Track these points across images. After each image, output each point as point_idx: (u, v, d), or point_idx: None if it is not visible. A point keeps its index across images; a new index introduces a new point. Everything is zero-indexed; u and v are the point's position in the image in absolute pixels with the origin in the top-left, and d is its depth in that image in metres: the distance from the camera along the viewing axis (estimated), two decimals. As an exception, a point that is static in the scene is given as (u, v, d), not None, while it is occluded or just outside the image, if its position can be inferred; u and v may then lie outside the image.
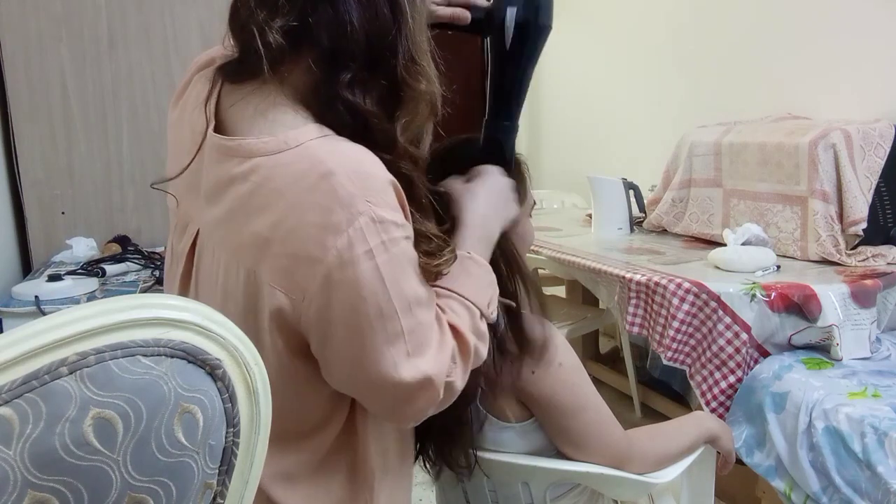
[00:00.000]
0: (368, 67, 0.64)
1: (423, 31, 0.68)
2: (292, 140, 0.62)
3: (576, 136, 3.39)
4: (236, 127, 0.68)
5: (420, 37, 0.66)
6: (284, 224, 0.62)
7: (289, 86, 0.67)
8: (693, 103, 2.65)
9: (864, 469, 1.20)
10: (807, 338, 1.54)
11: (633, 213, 2.31)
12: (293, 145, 0.62)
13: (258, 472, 0.62)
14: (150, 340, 0.52)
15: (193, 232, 0.74)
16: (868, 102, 1.97)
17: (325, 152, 0.62)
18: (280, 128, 0.64)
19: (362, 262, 0.61)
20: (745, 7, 2.40)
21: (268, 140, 0.64)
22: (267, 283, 0.64)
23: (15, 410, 0.46)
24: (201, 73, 0.77)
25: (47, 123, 2.27)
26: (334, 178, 0.60)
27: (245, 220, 0.65)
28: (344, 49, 0.63)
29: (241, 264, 0.66)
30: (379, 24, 0.64)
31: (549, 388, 0.92)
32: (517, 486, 1.01)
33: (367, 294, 0.62)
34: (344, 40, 0.63)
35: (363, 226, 0.60)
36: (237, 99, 0.69)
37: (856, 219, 1.69)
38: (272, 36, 0.63)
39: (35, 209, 2.29)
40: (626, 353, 2.39)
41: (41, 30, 2.21)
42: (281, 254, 0.63)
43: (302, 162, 0.61)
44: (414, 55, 0.65)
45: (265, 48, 0.64)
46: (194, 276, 0.75)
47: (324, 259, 0.61)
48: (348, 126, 0.65)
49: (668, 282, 1.60)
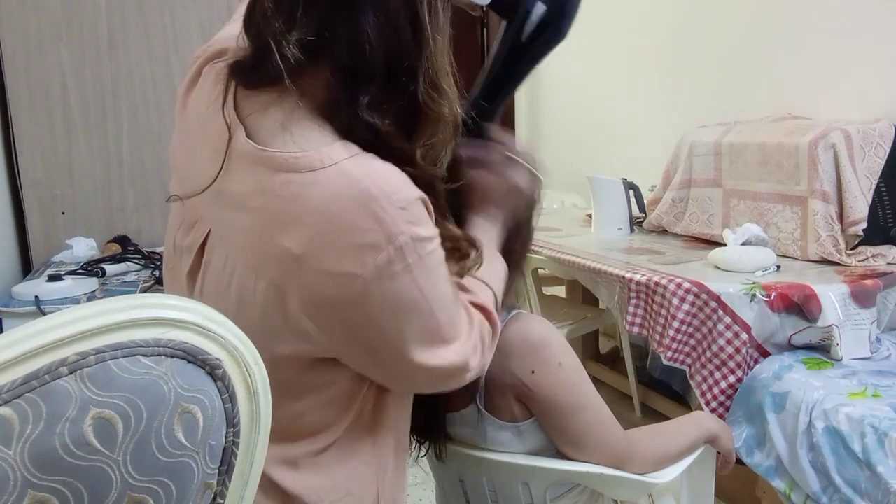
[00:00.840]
0: (387, 88, 0.64)
1: (445, 52, 0.66)
2: (326, 159, 0.63)
3: (576, 136, 3.38)
4: (258, 137, 0.68)
5: (442, 59, 0.65)
6: (319, 242, 0.62)
7: (309, 98, 0.66)
8: (693, 103, 2.65)
9: (864, 469, 1.20)
10: (807, 338, 1.54)
11: (633, 213, 2.31)
12: (328, 164, 0.62)
13: (258, 472, 0.62)
14: (150, 340, 0.52)
15: (205, 231, 0.74)
16: (868, 102, 1.97)
17: (360, 173, 0.62)
18: (307, 143, 0.64)
19: (401, 276, 0.64)
20: (745, 7, 2.40)
21: (300, 156, 0.64)
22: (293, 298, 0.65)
23: (15, 410, 0.46)
24: (212, 64, 0.75)
25: (47, 123, 2.27)
26: (371, 199, 0.61)
27: (273, 234, 0.65)
28: (362, 68, 0.63)
29: (261, 276, 0.67)
30: (399, 44, 0.63)
31: (548, 388, 0.92)
32: (517, 486, 1.01)
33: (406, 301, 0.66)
34: (362, 59, 0.62)
35: (403, 244, 0.62)
36: (256, 108, 0.69)
37: (856, 219, 1.69)
38: (289, 50, 0.63)
39: (35, 209, 2.29)
40: (626, 353, 2.39)
41: (41, 30, 2.21)
42: (313, 270, 0.63)
43: (338, 182, 0.62)
44: (435, 79, 0.64)
45: (282, 61, 0.63)
46: (201, 275, 0.75)
47: (362, 274, 0.63)
48: (369, 144, 0.65)
49: (668, 282, 1.60)
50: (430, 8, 0.63)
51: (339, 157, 0.63)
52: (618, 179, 2.30)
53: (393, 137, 0.65)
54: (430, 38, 0.63)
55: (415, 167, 0.66)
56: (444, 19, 0.66)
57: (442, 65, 0.66)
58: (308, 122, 0.66)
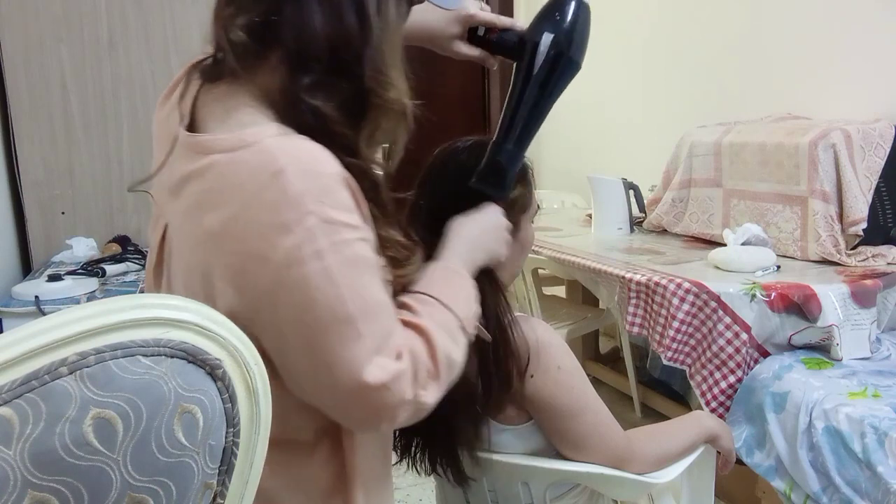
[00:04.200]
0: (333, 72, 0.64)
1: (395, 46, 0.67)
2: (249, 137, 0.62)
3: (576, 136, 3.38)
4: (206, 126, 0.68)
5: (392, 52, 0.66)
6: (236, 221, 0.61)
7: (258, 86, 0.67)
8: (693, 103, 2.65)
9: (864, 469, 1.20)
10: (807, 338, 1.54)
11: (633, 213, 2.31)
12: (250, 142, 0.61)
13: (258, 472, 0.62)
14: (150, 340, 0.52)
15: (163, 225, 0.74)
16: (868, 102, 1.97)
17: (279, 149, 0.60)
18: (239, 126, 0.64)
19: (310, 262, 0.59)
20: (745, 7, 2.40)
21: (226, 137, 0.63)
22: (219, 281, 0.63)
23: (15, 410, 0.46)
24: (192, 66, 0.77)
25: (47, 123, 2.27)
26: (284, 175, 0.59)
27: (200, 216, 0.64)
28: (307, 51, 0.63)
29: (198, 262, 0.65)
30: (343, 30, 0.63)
31: (547, 391, 0.92)
32: (517, 487, 1.01)
33: (318, 296, 0.60)
34: (306, 43, 0.63)
35: (312, 226, 0.59)
36: (211, 99, 0.69)
37: (856, 219, 1.69)
38: (235, 33, 0.64)
39: (35, 209, 2.29)
40: (626, 353, 2.40)
41: (41, 30, 2.21)
42: (232, 251, 0.62)
43: (256, 159, 0.60)
44: (380, 66, 0.64)
45: (230, 45, 0.65)
46: (165, 270, 0.74)
47: (272, 258, 0.60)
48: (310, 128, 0.64)
49: (668, 282, 1.60)
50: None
51: (264, 136, 0.62)
52: (618, 179, 2.30)
53: (335, 122, 0.64)
54: (377, 27, 0.64)
55: (357, 156, 0.65)
56: (396, 14, 0.66)
57: (391, 57, 0.66)
58: (251, 107, 0.65)
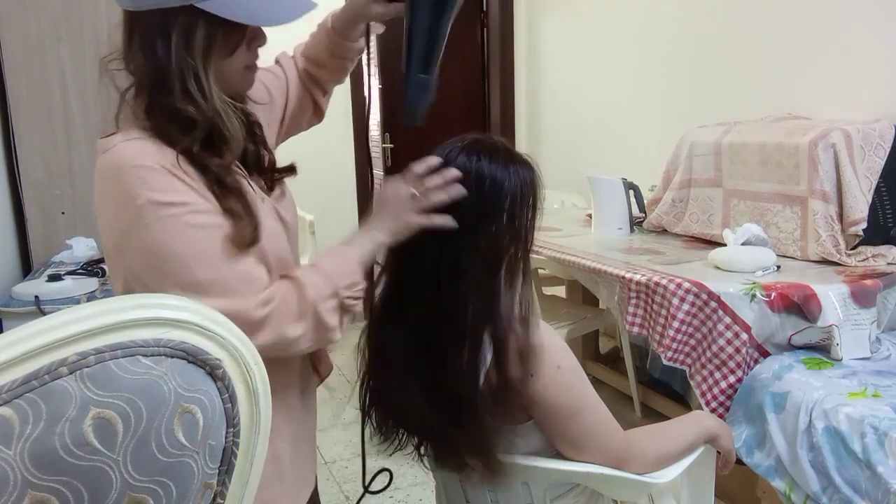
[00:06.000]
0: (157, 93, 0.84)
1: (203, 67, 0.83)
2: (109, 144, 0.82)
3: (576, 136, 3.39)
4: None
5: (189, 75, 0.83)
6: (100, 201, 0.83)
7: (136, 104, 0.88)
8: (693, 103, 2.65)
9: (864, 469, 1.20)
10: (807, 338, 1.54)
11: (633, 213, 2.31)
12: (108, 147, 0.82)
13: (258, 472, 0.62)
14: (149, 340, 0.52)
15: None
16: (868, 102, 1.97)
17: (121, 149, 0.81)
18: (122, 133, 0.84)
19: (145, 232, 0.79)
20: (745, 7, 2.40)
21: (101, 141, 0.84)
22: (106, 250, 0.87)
23: (15, 410, 0.46)
24: None
25: (47, 123, 2.27)
26: (119, 168, 0.80)
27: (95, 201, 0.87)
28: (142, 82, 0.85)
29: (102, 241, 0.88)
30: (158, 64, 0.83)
31: (547, 390, 0.92)
32: (517, 487, 1.01)
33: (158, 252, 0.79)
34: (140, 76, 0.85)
35: (141, 206, 0.78)
36: None
37: (856, 219, 1.69)
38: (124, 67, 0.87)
39: (35, 209, 2.29)
40: (626, 353, 2.40)
41: (41, 30, 2.21)
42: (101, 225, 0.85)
43: (109, 157, 0.81)
44: (187, 87, 0.83)
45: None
46: None
47: (120, 227, 0.81)
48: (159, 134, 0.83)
49: (668, 282, 1.60)
50: (183, 31, 0.81)
51: (117, 142, 0.82)
52: (618, 179, 2.30)
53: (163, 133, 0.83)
54: (181, 55, 0.82)
55: (190, 155, 0.83)
56: (201, 40, 0.82)
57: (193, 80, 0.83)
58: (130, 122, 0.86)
